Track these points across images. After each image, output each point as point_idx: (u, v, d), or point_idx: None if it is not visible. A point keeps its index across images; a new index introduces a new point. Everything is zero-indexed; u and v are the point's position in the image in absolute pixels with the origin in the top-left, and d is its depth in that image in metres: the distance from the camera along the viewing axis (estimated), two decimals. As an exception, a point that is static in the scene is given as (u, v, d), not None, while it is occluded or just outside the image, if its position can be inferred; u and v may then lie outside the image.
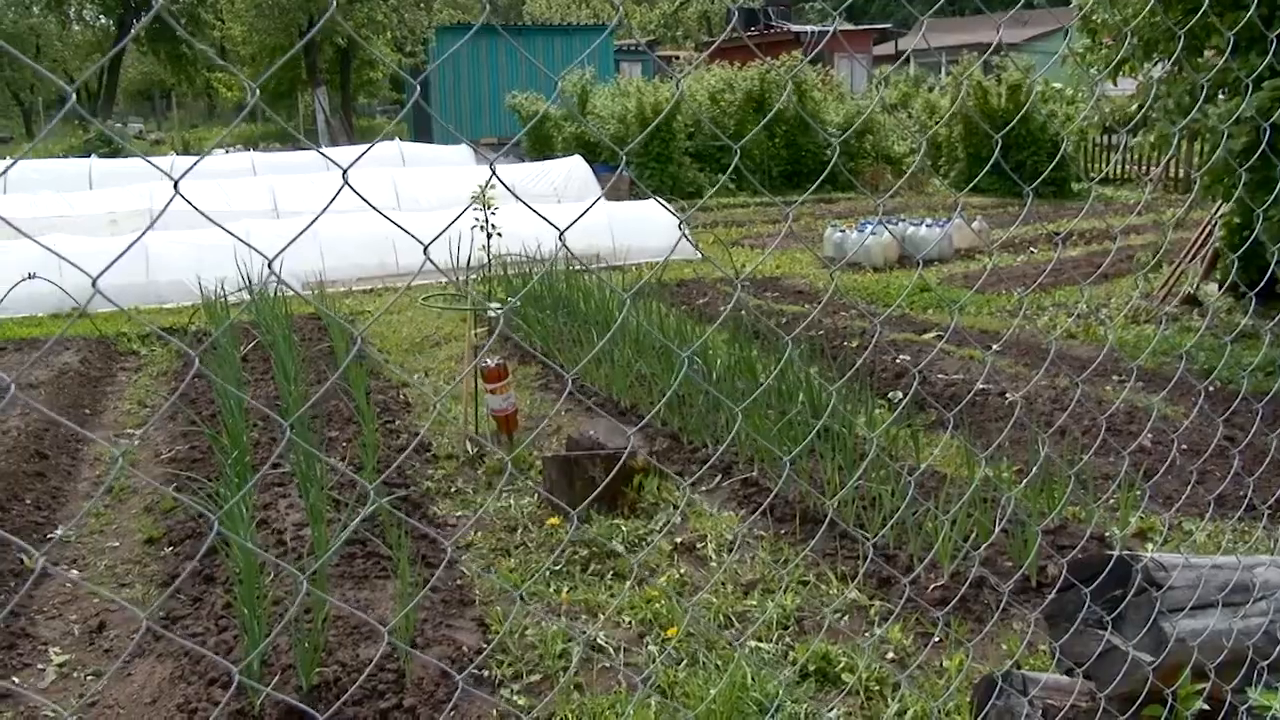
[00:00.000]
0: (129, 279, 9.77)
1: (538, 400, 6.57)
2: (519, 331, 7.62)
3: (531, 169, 15.11)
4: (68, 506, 5.40)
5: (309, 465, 4.67)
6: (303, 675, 3.46)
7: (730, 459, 5.36)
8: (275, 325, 6.84)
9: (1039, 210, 16.05)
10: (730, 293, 9.97)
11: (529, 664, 3.64)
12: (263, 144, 29.59)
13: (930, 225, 12.07)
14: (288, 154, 19.40)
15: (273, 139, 32.98)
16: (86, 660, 3.94)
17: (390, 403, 6.54)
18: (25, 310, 9.51)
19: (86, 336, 8.73)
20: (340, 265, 9.57)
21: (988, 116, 18.26)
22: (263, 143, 30.77)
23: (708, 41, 38.28)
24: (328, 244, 9.93)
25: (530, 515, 4.83)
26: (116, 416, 6.85)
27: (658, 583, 4.13)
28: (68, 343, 8.60)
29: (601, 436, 4.88)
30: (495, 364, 5.34)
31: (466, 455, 5.60)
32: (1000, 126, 17.58)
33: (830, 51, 30.45)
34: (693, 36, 47.40)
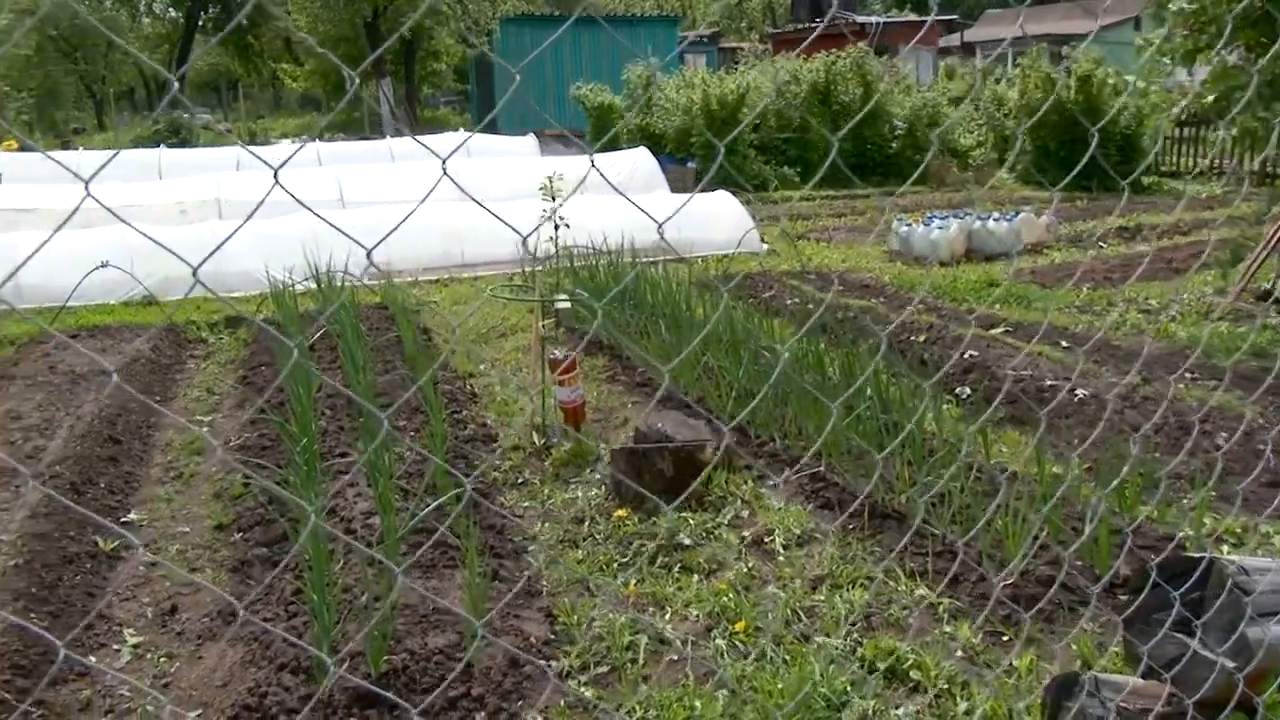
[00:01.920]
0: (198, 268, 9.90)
1: (605, 392, 6.58)
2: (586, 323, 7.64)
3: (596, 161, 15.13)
4: (140, 491, 5.50)
5: (377, 454, 4.71)
6: (371, 663, 3.50)
7: (798, 454, 5.33)
8: (343, 314, 6.91)
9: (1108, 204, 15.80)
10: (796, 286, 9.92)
11: (596, 655, 3.65)
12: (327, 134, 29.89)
13: (998, 219, 11.93)
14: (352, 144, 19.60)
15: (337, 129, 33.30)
16: (159, 642, 4.01)
17: (457, 393, 6.58)
18: (98, 298, 9.68)
19: (157, 324, 8.88)
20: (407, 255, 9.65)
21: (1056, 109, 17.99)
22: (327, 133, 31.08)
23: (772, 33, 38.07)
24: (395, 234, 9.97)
25: (598, 507, 4.84)
26: (186, 403, 6.96)
27: (725, 576, 4.13)
28: (139, 330, 8.75)
29: (669, 429, 4.88)
30: (564, 355, 5.35)
31: (533, 446, 5.62)
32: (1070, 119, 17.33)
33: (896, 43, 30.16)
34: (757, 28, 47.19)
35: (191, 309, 9.48)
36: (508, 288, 7.39)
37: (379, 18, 33.55)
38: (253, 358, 7.74)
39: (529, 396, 6.27)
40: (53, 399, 6.73)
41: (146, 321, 9.04)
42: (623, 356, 7.22)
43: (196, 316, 9.18)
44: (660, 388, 6.04)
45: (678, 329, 7.02)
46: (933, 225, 11.63)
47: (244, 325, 8.94)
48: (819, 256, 11.93)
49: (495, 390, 6.76)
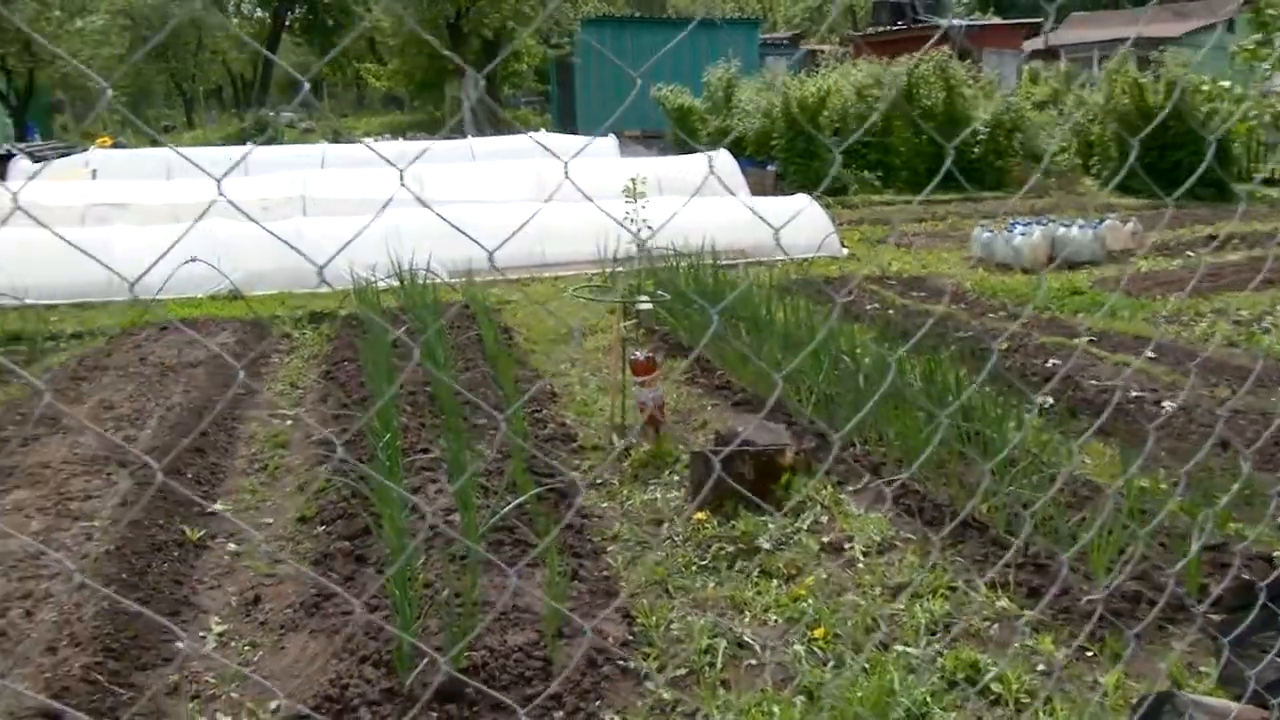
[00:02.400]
0: (282, 263, 10.09)
1: (684, 395, 6.58)
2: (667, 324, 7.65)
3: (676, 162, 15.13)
4: (225, 482, 5.61)
5: (459, 451, 4.76)
6: (452, 658, 3.53)
7: (879, 460, 5.29)
8: (425, 312, 6.98)
9: (1197, 212, 15.46)
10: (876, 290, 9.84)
11: (674, 657, 3.65)
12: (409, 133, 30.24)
13: (1082, 226, 11.74)
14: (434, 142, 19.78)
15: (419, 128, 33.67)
16: (243, 631, 4.09)
17: (537, 392, 6.63)
18: (185, 291, 9.89)
19: (242, 319, 9.04)
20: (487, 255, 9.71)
21: (1144, 114, 17.64)
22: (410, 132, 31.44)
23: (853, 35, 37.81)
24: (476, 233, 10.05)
25: (677, 509, 4.85)
26: (270, 396, 7.08)
27: (804, 581, 4.11)
28: (225, 324, 8.93)
29: (750, 434, 4.86)
30: (645, 357, 5.37)
31: (612, 447, 5.64)
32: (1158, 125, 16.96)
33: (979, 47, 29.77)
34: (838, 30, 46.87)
35: (275, 304, 9.64)
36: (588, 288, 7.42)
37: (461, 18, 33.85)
38: (335, 353, 7.86)
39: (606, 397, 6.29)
40: (143, 390, 6.89)
41: (231, 315, 9.21)
42: (701, 359, 7.22)
43: (281, 311, 9.34)
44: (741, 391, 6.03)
45: (758, 332, 7.01)
46: (1015, 232, 11.47)
47: (327, 320, 9.08)
48: (899, 262, 11.83)
49: (575, 390, 6.79)
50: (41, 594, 4.13)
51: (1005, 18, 38.29)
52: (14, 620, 3.94)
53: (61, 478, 5.32)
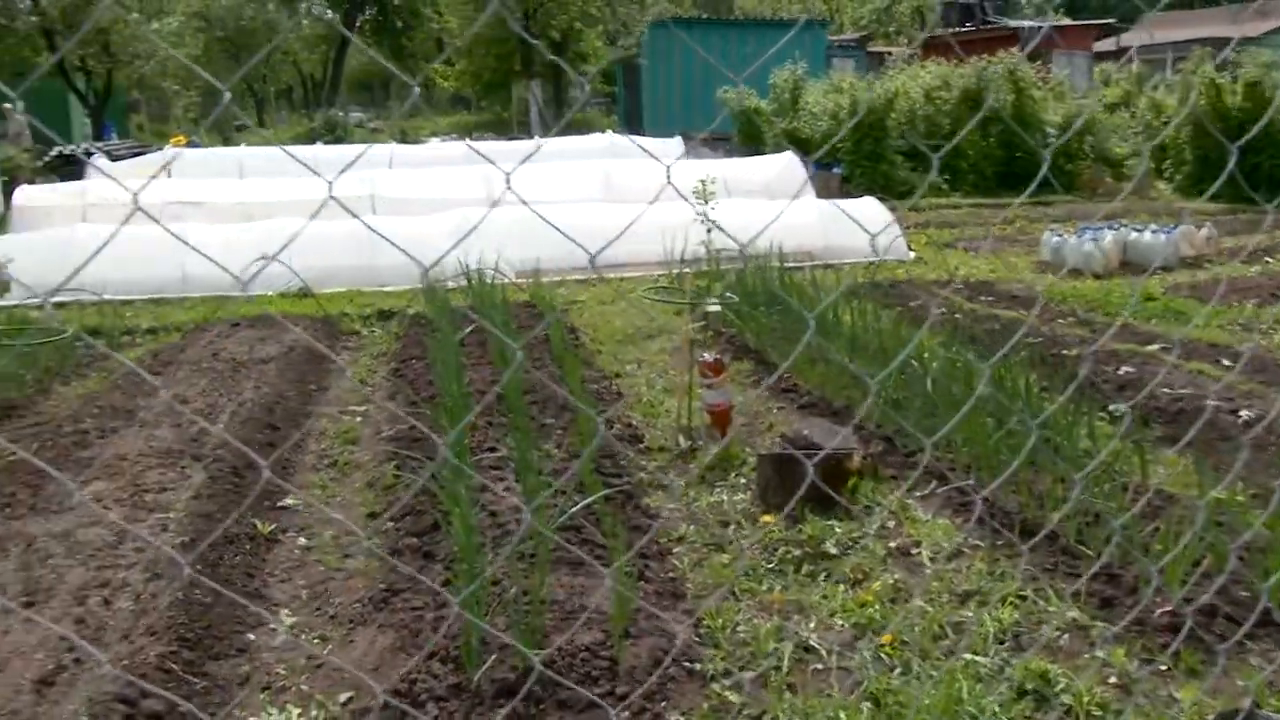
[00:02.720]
0: (351, 261, 10.22)
1: (750, 397, 6.57)
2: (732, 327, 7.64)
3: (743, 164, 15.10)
4: (296, 477, 5.69)
5: (526, 451, 4.79)
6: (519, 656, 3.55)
7: (947, 466, 5.24)
8: (493, 311, 7.03)
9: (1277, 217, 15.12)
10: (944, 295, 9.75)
11: (740, 660, 3.65)
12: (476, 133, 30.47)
13: (1155, 231, 11.54)
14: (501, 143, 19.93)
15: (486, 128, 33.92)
16: (313, 624, 4.15)
17: (603, 392, 6.65)
18: (257, 289, 10.04)
19: (312, 316, 9.16)
20: (554, 254, 9.76)
21: (1221, 116, 17.29)
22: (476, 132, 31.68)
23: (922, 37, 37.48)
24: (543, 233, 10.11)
25: (743, 511, 4.84)
26: (339, 393, 7.17)
27: (871, 587, 4.08)
28: (295, 321, 9.05)
29: (816, 437, 4.85)
30: (713, 359, 5.36)
31: (679, 448, 5.64)
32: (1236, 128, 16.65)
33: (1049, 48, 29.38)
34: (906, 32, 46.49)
35: (344, 301, 9.76)
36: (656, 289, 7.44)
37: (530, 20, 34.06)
38: (404, 350, 7.94)
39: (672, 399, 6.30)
40: (216, 385, 7.00)
41: (302, 312, 9.34)
42: (768, 361, 7.20)
43: (349, 309, 9.46)
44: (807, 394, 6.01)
45: (825, 335, 6.98)
46: (1086, 236, 11.31)
47: (395, 318, 9.18)
48: (966, 266, 11.71)
49: (641, 391, 6.81)
50: (119, 583, 4.21)
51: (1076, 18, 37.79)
52: (92, 608, 4.03)
53: (138, 470, 5.43)
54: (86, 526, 4.73)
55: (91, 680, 3.55)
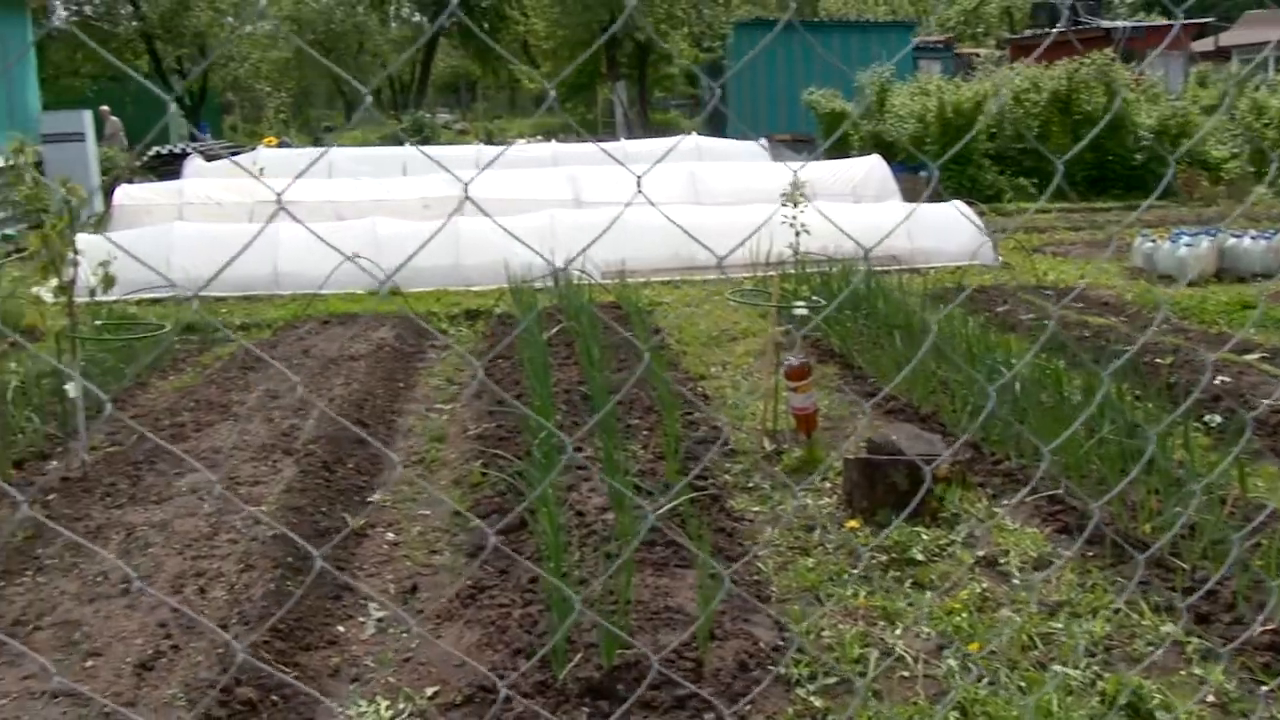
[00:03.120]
0: (440, 260, 10.34)
1: (835, 401, 6.53)
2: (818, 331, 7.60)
3: (828, 167, 15.00)
4: (384, 473, 5.78)
5: (613, 451, 4.81)
6: (604, 655, 3.58)
7: (1034, 472, 5.16)
8: (580, 312, 7.08)
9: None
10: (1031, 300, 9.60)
11: (825, 666, 3.63)
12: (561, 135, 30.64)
13: (1254, 237, 11.24)
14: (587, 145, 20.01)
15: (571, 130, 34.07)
16: (401, 618, 4.21)
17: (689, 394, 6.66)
18: (346, 287, 10.21)
19: (400, 314, 9.28)
20: (640, 256, 9.81)
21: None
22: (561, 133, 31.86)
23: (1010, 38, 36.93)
24: (629, 235, 10.18)
25: (829, 516, 4.82)
26: (426, 391, 7.26)
27: (958, 595, 4.04)
28: (384, 319, 9.18)
29: (903, 442, 4.81)
30: (799, 362, 5.35)
31: (764, 451, 5.63)
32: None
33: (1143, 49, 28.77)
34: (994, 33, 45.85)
35: (431, 300, 9.89)
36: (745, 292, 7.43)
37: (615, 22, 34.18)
38: (490, 350, 8.02)
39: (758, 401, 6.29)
40: (307, 381, 7.14)
41: (390, 311, 9.47)
42: (853, 366, 7.15)
43: (436, 308, 9.57)
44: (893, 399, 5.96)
45: (911, 340, 6.92)
46: (1180, 242, 11.05)
47: (482, 318, 9.27)
48: (1055, 271, 11.51)
49: (726, 393, 6.80)
50: (214, 573, 4.31)
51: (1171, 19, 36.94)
52: (189, 597, 4.13)
53: (232, 463, 5.56)
54: (184, 517, 4.85)
55: (188, 666, 3.64)
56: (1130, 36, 27.09)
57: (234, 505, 4.99)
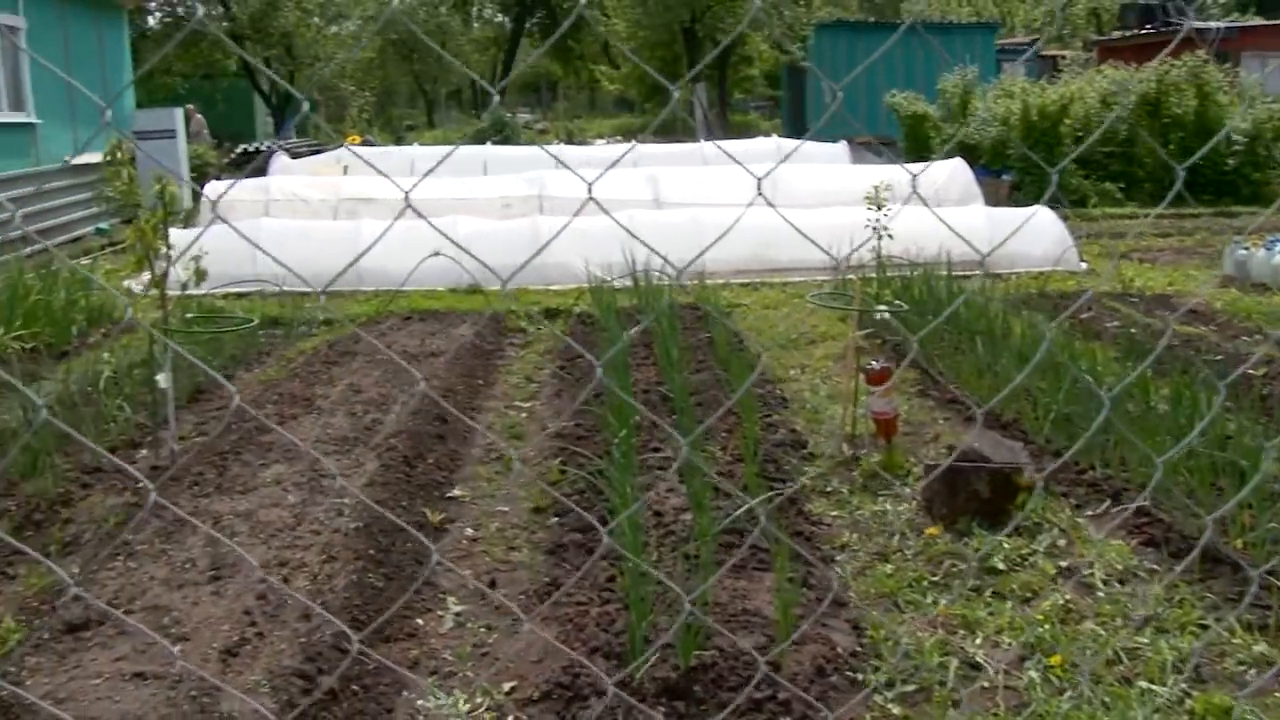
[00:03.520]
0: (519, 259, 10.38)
1: (914, 407, 6.47)
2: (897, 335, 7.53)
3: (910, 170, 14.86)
4: (463, 469, 5.83)
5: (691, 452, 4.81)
6: (681, 656, 3.58)
7: (1120, 485, 5.07)
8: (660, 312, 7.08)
9: None
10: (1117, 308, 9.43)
11: (903, 673, 3.60)
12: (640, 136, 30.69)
13: (1355, 246, 10.92)
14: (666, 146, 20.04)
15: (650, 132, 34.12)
16: (479, 613, 4.25)
17: (768, 396, 6.63)
18: (428, 284, 10.32)
19: (480, 312, 9.37)
20: (719, 257, 9.79)
21: None
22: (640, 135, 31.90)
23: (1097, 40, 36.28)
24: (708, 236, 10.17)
25: (908, 522, 4.77)
26: (505, 389, 7.31)
27: (1040, 606, 3.98)
28: (464, 317, 9.27)
29: (986, 449, 4.75)
30: (880, 367, 5.30)
31: (842, 456, 5.60)
32: None
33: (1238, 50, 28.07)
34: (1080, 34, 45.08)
35: (511, 298, 9.95)
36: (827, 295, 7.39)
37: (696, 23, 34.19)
38: (569, 349, 8.06)
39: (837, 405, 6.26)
40: (388, 376, 7.23)
41: (471, 308, 9.56)
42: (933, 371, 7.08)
43: (516, 306, 9.64)
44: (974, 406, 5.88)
45: (993, 347, 6.83)
46: (1276, 249, 10.78)
47: (561, 316, 9.32)
48: (1142, 278, 11.29)
49: (805, 397, 6.77)
50: (297, 563, 4.39)
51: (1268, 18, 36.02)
52: (273, 585, 4.20)
53: (315, 456, 5.64)
54: (268, 507, 4.94)
55: (271, 654, 3.71)
56: (1224, 37, 26.43)
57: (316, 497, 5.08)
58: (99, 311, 9.31)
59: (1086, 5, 46.41)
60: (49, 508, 5.22)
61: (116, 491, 5.48)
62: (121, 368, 7.34)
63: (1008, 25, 44.57)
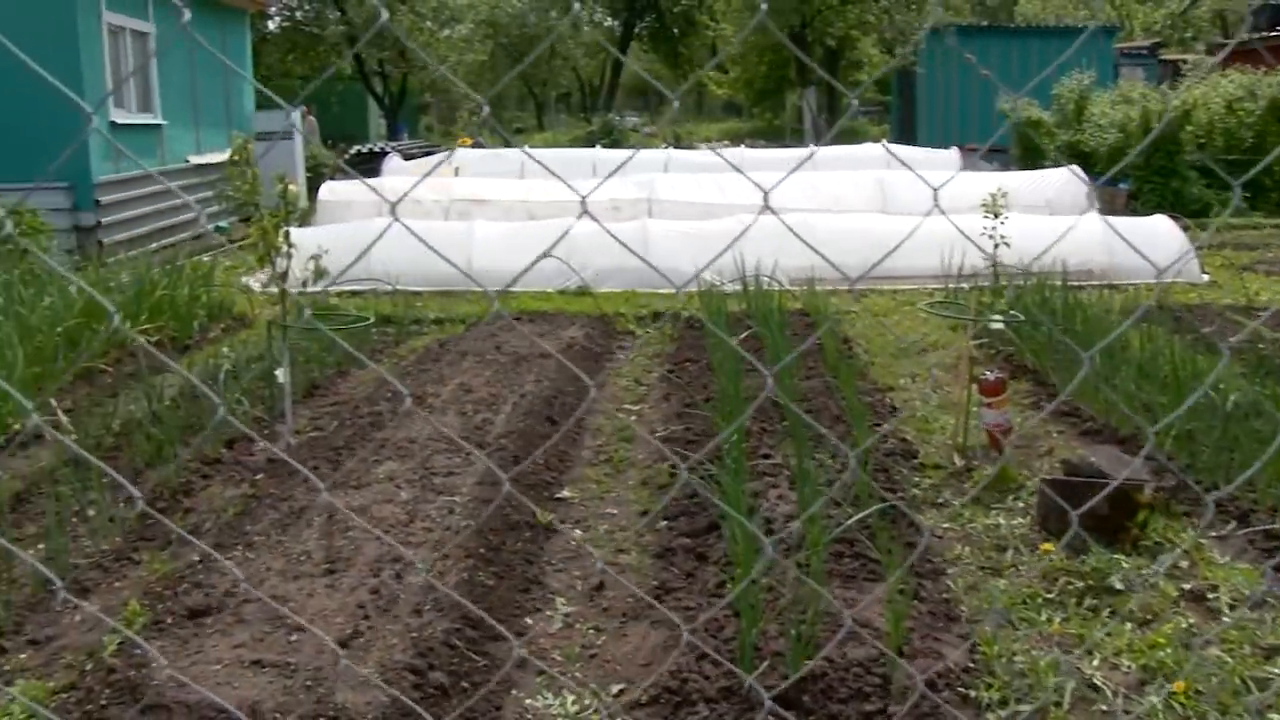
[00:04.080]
0: (628, 263, 10.44)
1: (1027, 419, 6.34)
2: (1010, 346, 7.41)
3: (1023, 178, 14.58)
4: (572, 471, 5.87)
5: (802, 459, 4.78)
6: (791, 665, 3.55)
7: (1248, 506, 4.91)
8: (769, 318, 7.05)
9: None
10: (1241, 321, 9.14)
11: (1018, 691, 3.52)
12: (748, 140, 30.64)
13: None
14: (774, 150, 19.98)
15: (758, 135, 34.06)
16: (587, 615, 4.27)
17: (876, 405, 6.56)
18: (537, 285, 10.41)
19: (589, 314, 9.42)
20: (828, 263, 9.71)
21: None
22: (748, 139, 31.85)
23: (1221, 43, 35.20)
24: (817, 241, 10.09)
25: (1021, 537, 4.68)
26: (615, 391, 7.34)
27: (1162, 629, 3.86)
28: (573, 319, 9.33)
29: (1103, 465, 4.64)
30: (995, 377, 5.21)
31: (953, 467, 5.51)
32: None
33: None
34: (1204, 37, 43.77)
35: (620, 301, 10.00)
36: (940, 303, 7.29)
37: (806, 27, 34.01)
38: (678, 352, 8.06)
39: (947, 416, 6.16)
40: (498, 376, 7.31)
41: (580, 310, 9.61)
42: (1047, 383, 6.94)
43: (625, 309, 9.68)
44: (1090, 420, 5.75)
45: (1110, 360, 6.67)
46: None
47: (669, 320, 9.34)
48: (1268, 291, 10.92)
49: (915, 406, 6.68)
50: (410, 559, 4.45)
51: None
52: (385, 580, 4.27)
53: (426, 454, 5.73)
54: (381, 503, 5.02)
55: (384, 648, 3.77)
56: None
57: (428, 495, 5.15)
58: (219, 307, 9.58)
59: (1211, 6, 45.04)
60: (171, 496, 5.39)
61: (235, 483, 5.64)
62: (240, 362, 7.54)
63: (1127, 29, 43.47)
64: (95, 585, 4.49)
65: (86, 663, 3.84)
